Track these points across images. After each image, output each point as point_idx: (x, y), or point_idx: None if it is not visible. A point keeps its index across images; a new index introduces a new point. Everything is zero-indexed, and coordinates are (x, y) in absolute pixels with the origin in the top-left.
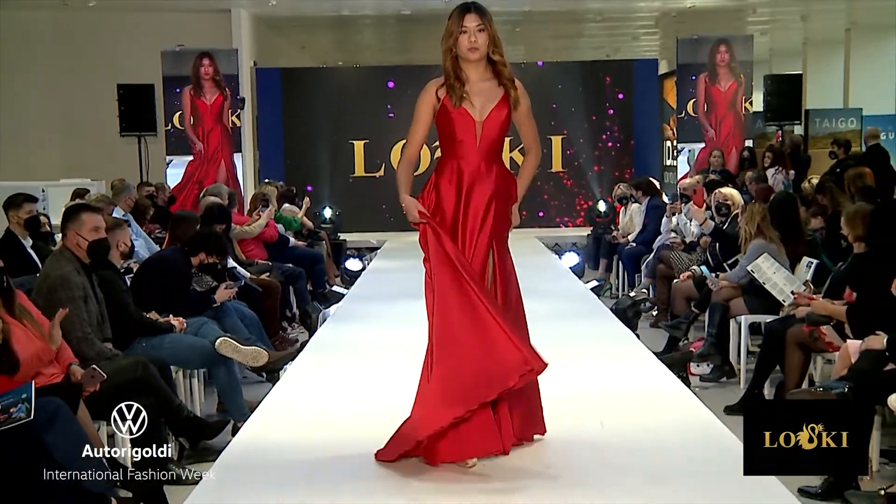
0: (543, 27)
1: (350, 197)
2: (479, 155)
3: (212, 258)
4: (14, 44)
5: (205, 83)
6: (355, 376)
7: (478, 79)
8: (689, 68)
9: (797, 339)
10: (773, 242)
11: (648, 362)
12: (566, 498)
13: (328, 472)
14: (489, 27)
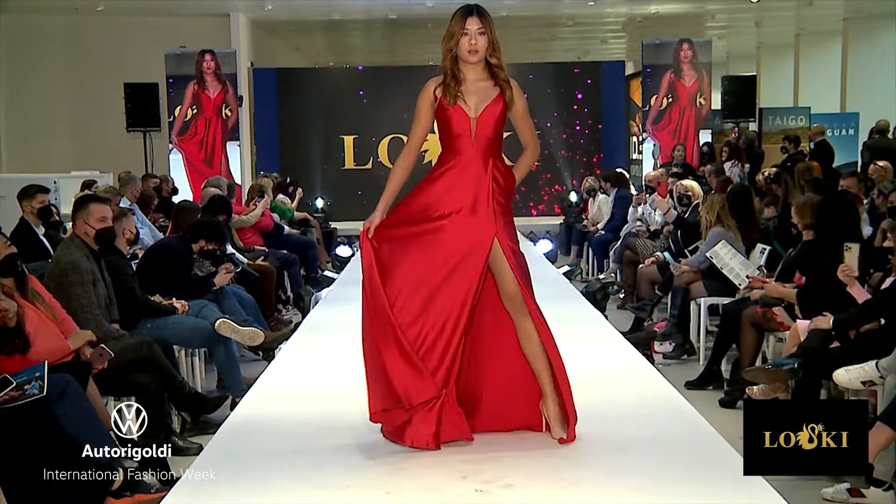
0: (520, 31)
1: (340, 188)
2: (474, 150)
3: (211, 245)
4: (29, 45)
5: (207, 77)
6: (345, 354)
7: (475, 79)
8: (653, 68)
9: (751, 319)
10: (731, 230)
11: (616, 341)
12: (539, 465)
13: (320, 442)
14: (490, 31)
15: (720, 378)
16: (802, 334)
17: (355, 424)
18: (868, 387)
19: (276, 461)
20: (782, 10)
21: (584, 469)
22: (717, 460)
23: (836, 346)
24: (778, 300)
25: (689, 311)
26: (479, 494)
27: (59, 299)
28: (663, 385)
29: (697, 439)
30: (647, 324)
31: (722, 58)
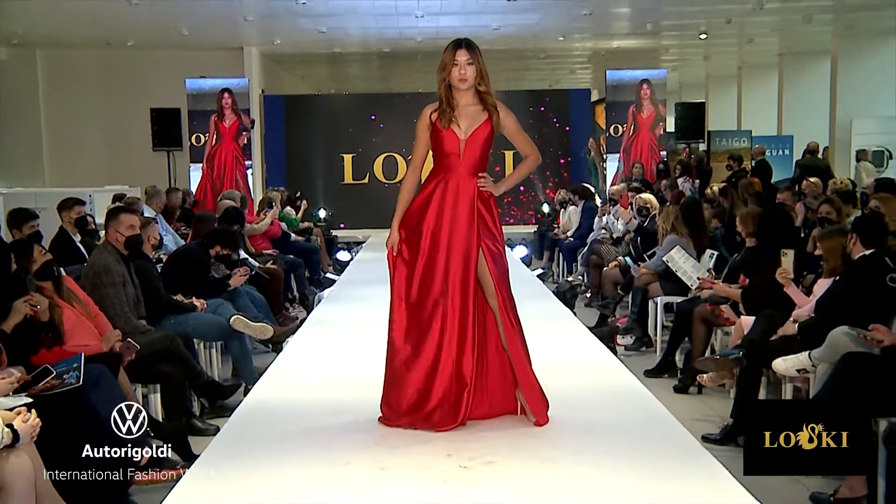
0: (497, 62)
1: (340, 200)
2: (463, 167)
3: (226, 250)
4: (67, 76)
5: (226, 111)
6: (346, 347)
7: (466, 104)
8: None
9: (702, 315)
10: (684, 237)
11: (583, 335)
12: (517, 444)
13: (323, 424)
14: (478, 61)
15: (674, 367)
16: (746, 328)
17: (355, 409)
18: (802, 374)
19: (285, 441)
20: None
21: (556, 448)
22: (672, 439)
23: (775, 339)
24: (724, 299)
25: (648, 308)
26: (463, 470)
27: (92, 298)
28: (625, 374)
29: (654, 421)
30: (610, 320)
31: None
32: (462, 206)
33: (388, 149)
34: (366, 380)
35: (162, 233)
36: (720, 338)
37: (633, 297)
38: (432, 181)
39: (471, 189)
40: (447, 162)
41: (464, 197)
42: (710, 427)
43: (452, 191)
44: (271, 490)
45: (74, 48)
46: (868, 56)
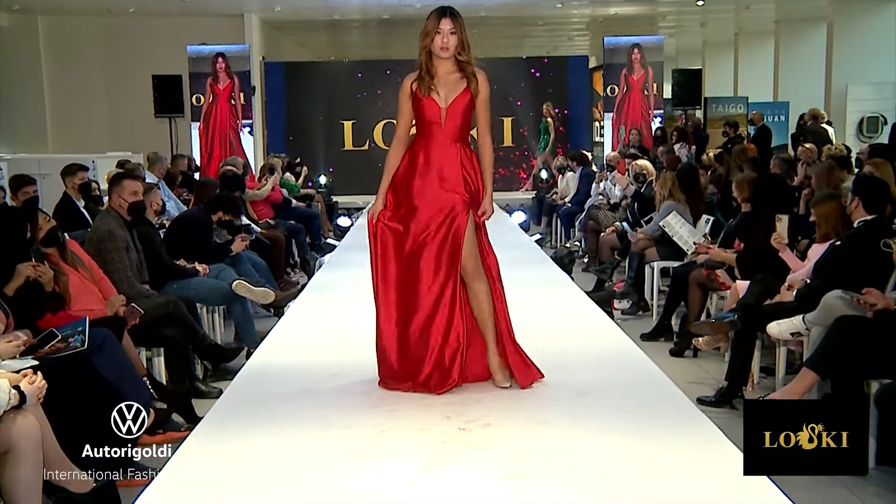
0: (496, 30)
1: (340, 166)
2: (444, 135)
3: (228, 216)
4: (69, 43)
5: (220, 74)
6: (346, 311)
7: (446, 72)
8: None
9: (697, 280)
10: (681, 203)
11: (580, 299)
12: (513, 407)
13: (324, 387)
14: (460, 31)
15: (670, 331)
16: (741, 292)
17: (355, 372)
18: (796, 337)
19: (286, 404)
20: (723, 12)
21: (553, 410)
22: (667, 401)
23: (770, 303)
24: (720, 264)
25: (644, 273)
26: (461, 433)
27: (97, 263)
28: (621, 337)
29: (650, 383)
30: (607, 284)
31: (672, 53)
32: (446, 173)
33: (387, 115)
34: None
35: (164, 199)
36: (715, 302)
37: (630, 262)
38: (416, 149)
39: (454, 156)
40: (428, 130)
41: (448, 164)
42: (705, 389)
43: (436, 158)
44: (273, 451)
45: (76, 15)
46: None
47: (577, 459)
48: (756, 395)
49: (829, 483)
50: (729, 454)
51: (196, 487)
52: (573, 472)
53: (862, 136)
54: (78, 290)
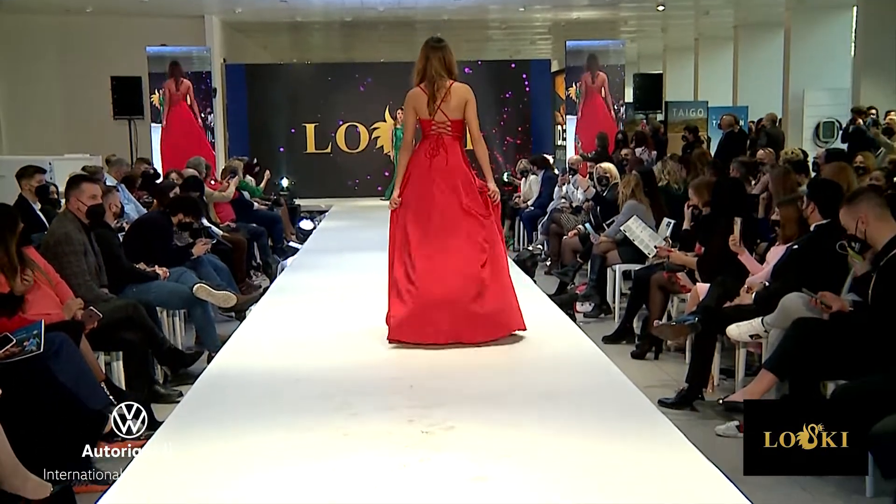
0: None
1: (303, 169)
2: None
3: (188, 218)
4: (25, 42)
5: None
6: (308, 315)
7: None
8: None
9: (659, 283)
10: (643, 204)
11: (543, 302)
12: (476, 410)
13: (286, 391)
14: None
15: (632, 333)
16: (701, 295)
17: (317, 376)
18: (755, 339)
19: (248, 408)
20: (683, 17)
21: (517, 412)
22: (629, 403)
23: (729, 306)
24: (681, 266)
25: (606, 276)
26: (425, 436)
27: (53, 267)
28: (584, 340)
29: (612, 386)
30: (570, 287)
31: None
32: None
33: (350, 118)
34: (328, 347)
35: (123, 201)
36: (676, 304)
37: (592, 265)
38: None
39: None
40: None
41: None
42: (666, 392)
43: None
44: (234, 456)
45: (32, 13)
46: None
47: (541, 462)
48: (716, 396)
49: (786, 483)
50: (689, 455)
51: (156, 494)
52: (537, 475)
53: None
54: (34, 294)
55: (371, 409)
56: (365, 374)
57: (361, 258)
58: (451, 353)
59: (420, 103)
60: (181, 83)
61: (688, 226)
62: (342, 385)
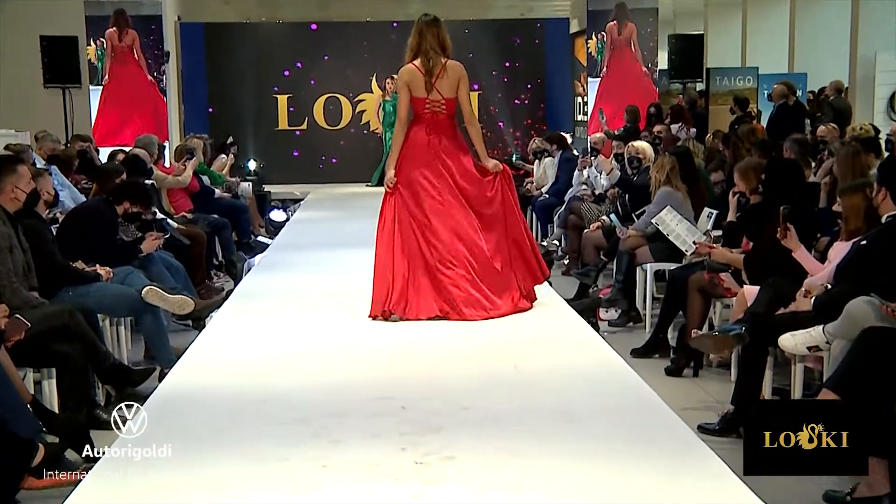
0: None
1: (274, 150)
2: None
3: (136, 207)
4: None
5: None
6: (279, 323)
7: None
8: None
9: (698, 285)
10: (680, 191)
11: (560, 308)
12: (481, 436)
13: (253, 414)
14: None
15: (666, 346)
16: (749, 300)
17: (290, 396)
18: (814, 352)
19: (208, 435)
20: None
21: (527, 440)
22: (662, 429)
23: (782, 312)
24: (724, 266)
25: (635, 277)
26: (418, 467)
27: None
28: (608, 353)
29: (642, 407)
30: (591, 290)
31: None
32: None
33: (330, 89)
34: (303, 362)
35: (57, 187)
36: (719, 311)
37: (619, 264)
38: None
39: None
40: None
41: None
42: (707, 416)
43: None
44: (192, 492)
45: None
46: None
47: (555, 498)
48: None
49: None
50: (736, 492)
51: None
52: None
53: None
54: None
55: (355, 436)
56: (347, 394)
57: (344, 256)
58: (450, 367)
59: (415, 80)
60: (126, 34)
61: (733, 217)
62: (320, 407)
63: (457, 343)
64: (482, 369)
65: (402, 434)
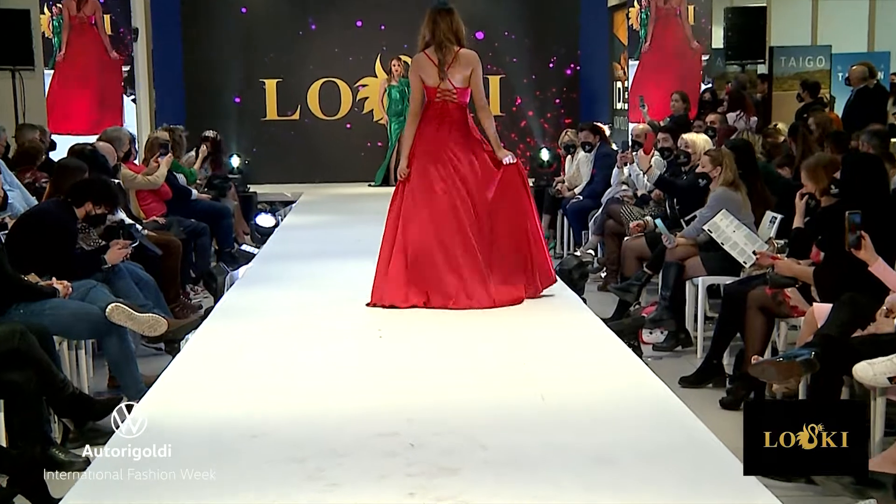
0: None
1: (261, 143)
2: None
3: (100, 208)
4: None
5: None
6: (267, 346)
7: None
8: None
9: (759, 302)
10: (739, 192)
11: (596, 329)
12: (502, 481)
13: (237, 452)
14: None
15: (721, 374)
16: (820, 320)
17: (280, 431)
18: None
19: (185, 477)
20: None
21: (558, 484)
22: (717, 470)
23: (860, 335)
24: (791, 280)
25: (685, 292)
26: None
27: None
28: (653, 382)
29: (693, 447)
30: (633, 308)
31: None
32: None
33: (327, 72)
34: (294, 392)
35: (6, 187)
36: (784, 333)
37: (665, 277)
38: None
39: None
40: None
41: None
42: None
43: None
44: None
45: None
46: None
47: None
48: None
49: None
50: None
51: None
52: None
53: None
54: None
55: (356, 478)
56: (347, 429)
57: (342, 268)
58: (466, 398)
59: (427, 69)
60: (86, 3)
61: (801, 223)
62: (316, 444)
63: (473, 368)
64: (503, 400)
65: (410, 476)
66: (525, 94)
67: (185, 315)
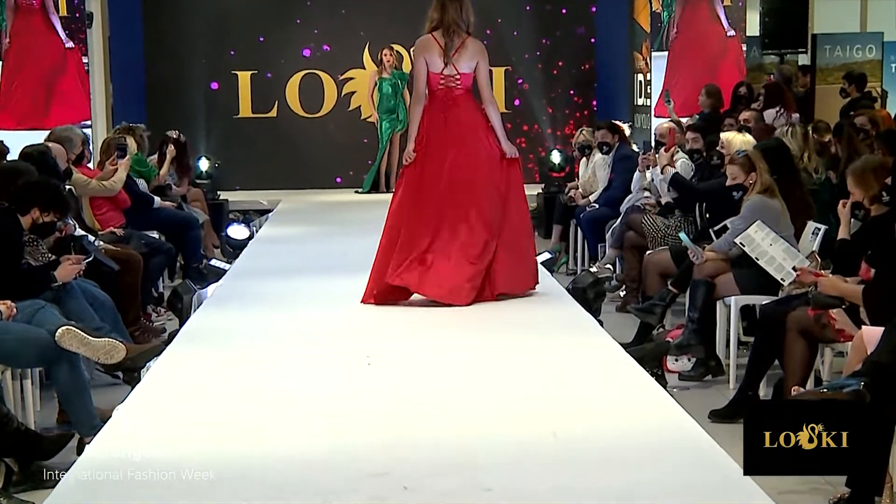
0: None
1: (233, 144)
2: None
3: (49, 215)
4: None
5: None
6: (239, 375)
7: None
8: None
9: (800, 325)
10: (776, 200)
11: (614, 354)
12: None
13: (203, 495)
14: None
15: None
16: (870, 346)
17: (254, 471)
18: None
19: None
20: None
21: None
22: None
23: None
24: (837, 299)
25: (715, 314)
26: None
27: None
28: (679, 415)
29: (726, 489)
30: (656, 332)
31: None
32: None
33: (309, 64)
34: (271, 427)
35: None
36: (829, 360)
37: (693, 297)
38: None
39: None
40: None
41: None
42: (815, 500)
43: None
44: None
45: None
46: None
47: None
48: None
49: None
50: None
51: None
52: None
53: None
54: None
55: None
56: (332, 470)
57: (326, 286)
58: (466, 433)
59: (432, 53)
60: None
61: (847, 234)
62: (296, 487)
63: (474, 400)
64: (509, 437)
65: None
66: (534, 87)
67: (147, 339)
